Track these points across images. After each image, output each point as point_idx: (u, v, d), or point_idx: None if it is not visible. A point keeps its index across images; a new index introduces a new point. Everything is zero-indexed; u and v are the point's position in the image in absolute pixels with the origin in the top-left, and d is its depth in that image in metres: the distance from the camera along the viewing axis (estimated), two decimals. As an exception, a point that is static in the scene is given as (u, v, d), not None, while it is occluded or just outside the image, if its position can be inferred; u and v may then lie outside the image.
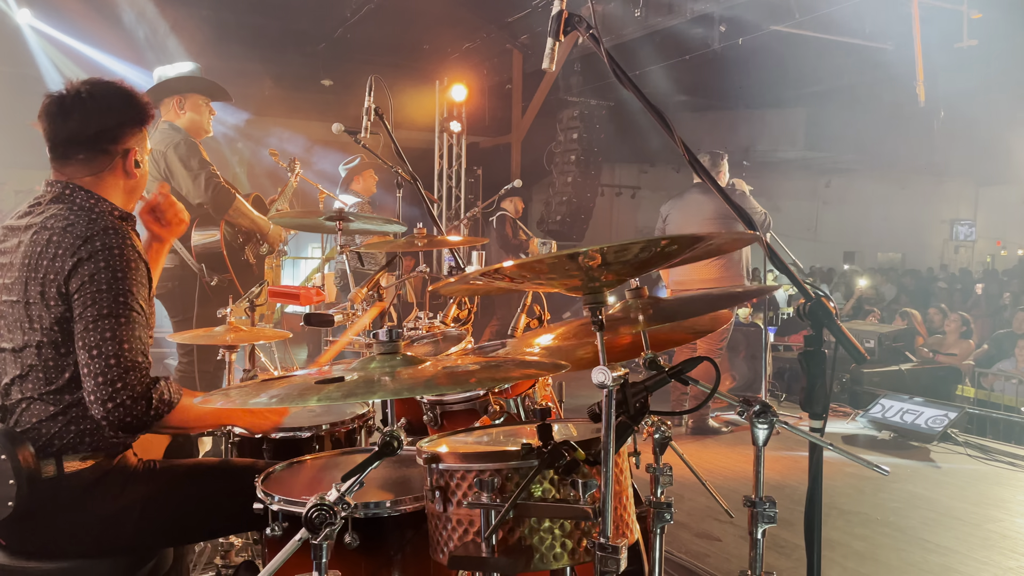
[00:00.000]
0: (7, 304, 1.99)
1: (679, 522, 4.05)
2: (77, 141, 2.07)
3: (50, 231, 1.96)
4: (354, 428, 2.58)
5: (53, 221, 1.97)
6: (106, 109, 2.08)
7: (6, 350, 1.99)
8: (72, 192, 2.05)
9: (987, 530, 4.13)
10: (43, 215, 2.00)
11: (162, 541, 2.12)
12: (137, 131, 2.15)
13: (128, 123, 2.12)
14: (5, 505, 1.89)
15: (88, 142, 2.07)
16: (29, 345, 1.95)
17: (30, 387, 1.96)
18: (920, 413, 5.95)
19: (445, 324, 3.26)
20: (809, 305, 1.65)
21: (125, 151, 2.11)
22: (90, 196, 2.05)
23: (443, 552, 1.60)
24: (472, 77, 11.29)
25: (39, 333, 1.94)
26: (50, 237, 1.95)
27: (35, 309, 1.94)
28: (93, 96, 2.07)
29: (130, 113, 2.12)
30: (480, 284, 1.69)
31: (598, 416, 1.51)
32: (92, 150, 2.08)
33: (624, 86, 1.84)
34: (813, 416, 1.68)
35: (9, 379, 1.98)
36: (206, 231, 4.21)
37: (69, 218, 1.97)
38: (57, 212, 1.99)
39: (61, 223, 1.96)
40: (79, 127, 2.06)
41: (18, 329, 1.97)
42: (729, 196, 1.86)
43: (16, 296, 1.97)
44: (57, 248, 1.93)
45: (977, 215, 21.90)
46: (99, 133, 2.07)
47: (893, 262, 20.54)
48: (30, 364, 1.95)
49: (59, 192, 2.05)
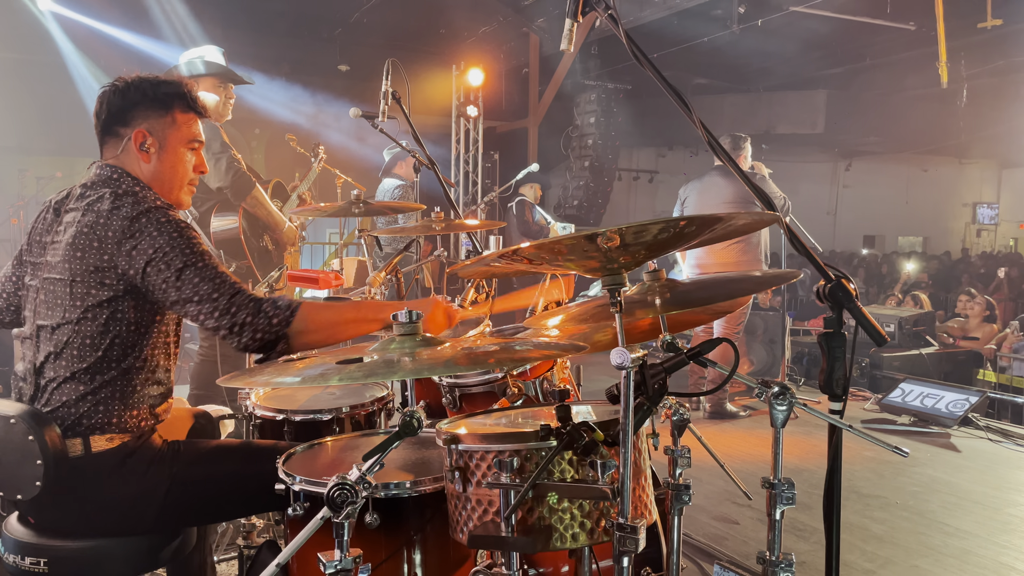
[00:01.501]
0: (50, 282, 2.04)
1: (697, 505, 4.06)
2: (101, 125, 2.19)
3: (96, 213, 2.01)
4: (374, 410, 2.61)
5: (99, 204, 2.03)
6: (119, 93, 2.15)
7: (44, 327, 2.03)
8: (120, 177, 2.10)
9: (1007, 514, 4.11)
10: (88, 199, 2.05)
11: (186, 521, 2.15)
12: (150, 114, 2.16)
13: (135, 105, 2.15)
14: (33, 485, 1.92)
15: (105, 125, 2.18)
16: (68, 323, 1.99)
17: (64, 364, 1.99)
18: (940, 397, 5.91)
19: (463, 307, 3.27)
20: (829, 287, 1.64)
21: (132, 133, 2.15)
22: (136, 183, 2.11)
23: (463, 532, 1.62)
24: (489, 61, 11.24)
25: (79, 311, 1.98)
26: (96, 219, 2.00)
27: (80, 287, 1.98)
28: (117, 86, 2.16)
29: (139, 95, 2.16)
30: (498, 266, 1.69)
31: (616, 397, 1.51)
32: (108, 132, 2.18)
33: (643, 67, 1.83)
34: (832, 398, 1.67)
35: (44, 356, 2.02)
36: (225, 217, 4.24)
37: (115, 201, 2.02)
38: (104, 195, 2.05)
39: (107, 206, 2.02)
40: (100, 111, 2.18)
41: (58, 307, 2.01)
42: (750, 179, 1.85)
43: (60, 274, 2.01)
44: (106, 230, 1.98)
45: (1000, 197, 21.62)
46: (111, 115, 2.16)
47: (914, 245, 20.35)
48: (66, 341, 1.99)
49: (107, 176, 2.11)
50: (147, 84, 2.19)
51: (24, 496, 1.94)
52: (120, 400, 2.01)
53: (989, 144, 16.97)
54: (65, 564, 1.97)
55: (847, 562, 3.43)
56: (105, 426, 2.00)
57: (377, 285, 3.22)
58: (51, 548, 1.97)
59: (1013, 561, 3.52)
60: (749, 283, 2.26)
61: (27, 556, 1.96)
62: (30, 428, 1.92)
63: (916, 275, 12.37)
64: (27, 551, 1.97)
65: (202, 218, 4.20)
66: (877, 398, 6.40)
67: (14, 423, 1.93)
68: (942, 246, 20.07)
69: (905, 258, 15.47)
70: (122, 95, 2.15)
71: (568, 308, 2.17)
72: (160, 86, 2.19)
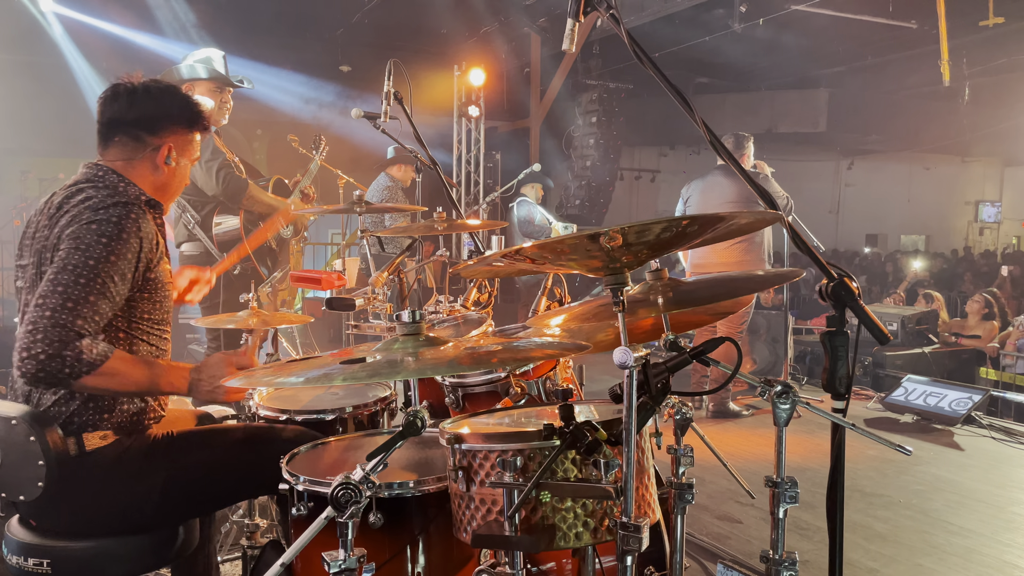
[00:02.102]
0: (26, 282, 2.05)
1: (700, 504, 4.06)
2: (117, 123, 2.15)
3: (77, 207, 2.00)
4: (377, 410, 2.61)
5: (77, 199, 2.02)
6: (151, 99, 2.15)
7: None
8: (104, 174, 2.10)
9: (1011, 512, 4.10)
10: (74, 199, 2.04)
11: (187, 511, 2.15)
12: (179, 130, 2.19)
13: (169, 118, 2.17)
14: (35, 486, 1.93)
15: (126, 125, 2.15)
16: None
17: None
18: (944, 396, 5.91)
19: (465, 308, 3.27)
20: (832, 285, 1.64)
21: (159, 145, 2.16)
22: (121, 179, 2.10)
23: (466, 531, 1.62)
24: (490, 61, 11.23)
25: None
26: (67, 210, 2.00)
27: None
28: (148, 89, 2.16)
29: (174, 110, 2.18)
30: (500, 266, 1.69)
31: (620, 396, 1.51)
32: (128, 134, 2.15)
33: (644, 66, 1.83)
34: (835, 397, 1.66)
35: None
36: (226, 218, 4.26)
37: (92, 195, 2.02)
38: (83, 189, 2.04)
39: (83, 199, 2.01)
40: (122, 110, 2.14)
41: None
42: (753, 178, 1.85)
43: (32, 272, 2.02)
44: (72, 220, 1.97)
45: (1003, 196, 21.59)
46: (138, 119, 2.14)
47: (917, 244, 20.33)
48: None
49: (92, 174, 2.10)
50: (182, 100, 2.21)
51: (27, 497, 1.94)
52: (110, 396, 2.02)
53: (991, 142, 16.95)
54: (68, 564, 1.97)
55: (851, 561, 3.43)
56: (97, 423, 2.00)
57: (379, 285, 3.22)
58: (54, 549, 1.98)
59: (1017, 559, 3.52)
60: (752, 282, 2.25)
61: (30, 557, 1.97)
62: (31, 429, 1.92)
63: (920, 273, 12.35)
64: (30, 552, 1.97)
65: (204, 220, 4.21)
66: (880, 397, 6.40)
67: (15, 424, 1.93)
68: (944, 244, 20.04)
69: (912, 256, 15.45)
70: (156, 103, 2.16)
71: (571, 308, 2.17)
72: (192, 105, 2.22)
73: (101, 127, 2.17)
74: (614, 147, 12.94)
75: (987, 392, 5.98)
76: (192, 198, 4.20)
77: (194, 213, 4.19)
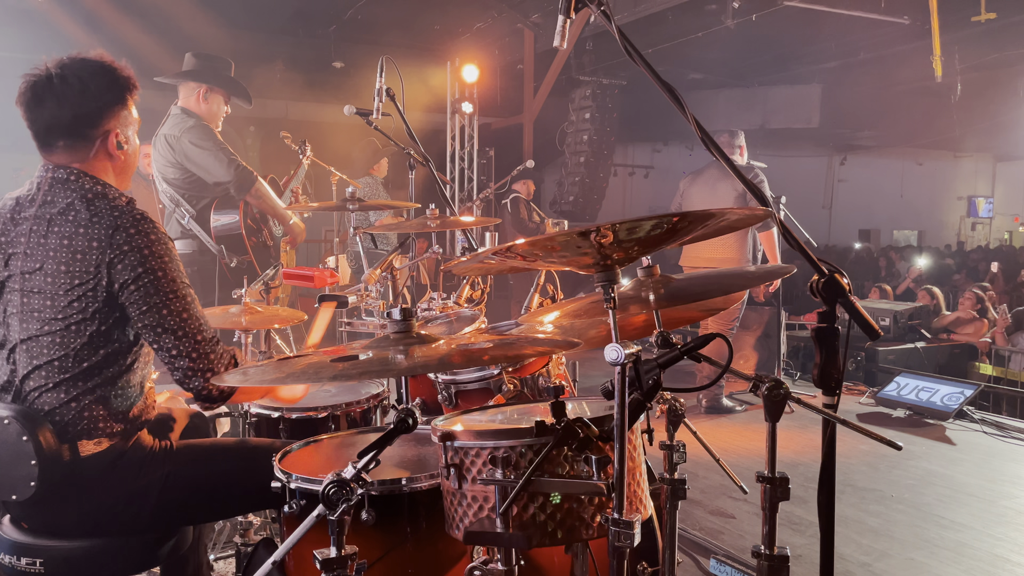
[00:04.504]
0: (27, 295, 1.96)
1: (693, 499, 4.07)
2: (55, 128, 2.00)
3: (74, 224, 1.93)
4: (369, 408, 2.61)
5: (74, 214, 1.94)
6: (80, 92, 1.97)
7: (27, 340, 1.96)
8: (77, 177, 2.00)
9: (1002, 506, 4.12)
10: (56, 206, 1.96)
11: (181, 520, 2.14)
12: (118, 110, 2.04)
13: (106, 104, 2.01)
14: (28, 485, 1.91)
15: (66, 128, 1.99)
16: (48, 334, 1.93)
17: (44, 375, 1.95)
18: (936, 391, 5.93)
19: (459, 305, 3.27)
20: (823, 281, 1.64)
21: (105, 133, 2.03)
22: (96, 182, 2.00)
23: (458, 528, 1.62)
24: (483, 57, 11.22)
25: (61, 323, 1.93)
26: (76, 230, 1.92)
27: (63, 300, 1.92)
28: (65, 79, 1.97)
29: (108, 94, 2.01)
30: (493, 263, 1.69)
31: (611, 393, 1.51)
32: (71, 136, 2.00)
33: (636, 63, 1.83)
34: (826, 392, 1.67)
35: (26, 370, 1.96)
36: (225, 213, 4.24)
37: (90, 209, 1.94)
38: (73, 202, 1.96)
39: (85, 215, 1.93)
40: (54, 113, 1.98)
41: (34, 320, 1.95)
42: (743, 174, 1.85)
43: (38, 287, 1.94)
44: (90, 241, 1.91)
45: (995, 191, 21.68)
46: (75, 118, 1.99)
47: (909, 239, 20.40)
48: (47, 352, 1.94)
49: (63, 177, 1.99)
50: (107, 75, 2.01)
51: (19, 497, 1.93)
52: (104, 405, 1.99)
53: (984, 137, 17.01)
54: (61, 564, 1.97)
55: (843, 555, 3.44)
56: (92, 431, 1.98)
57: (372, 282, 3.22)
58: (46, 548, 1.97)
59: (1008, 553, 3.54)
60: (743, 279, 2.26)
61: (23, 556, 1.96)
62: (25, 428, 1.90)
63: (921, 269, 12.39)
64: (22, 551, 1.97)
65: (200, 214, 4.20)
66: (873, 392, 6.42)
67: (7, 423, 1.91)
68: (937, 240, 20.11)
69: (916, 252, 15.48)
70: (86, 93, 1.97)
71: (563, 304, 2.17)
72: (119, 77, 2.03)
73: (37, 135, 2.01)
74: (608, 143, 12.93)
75: (979, 387, 6.01)
76: (187, 192, 4.18)
77: (189, 207, 4.17)
